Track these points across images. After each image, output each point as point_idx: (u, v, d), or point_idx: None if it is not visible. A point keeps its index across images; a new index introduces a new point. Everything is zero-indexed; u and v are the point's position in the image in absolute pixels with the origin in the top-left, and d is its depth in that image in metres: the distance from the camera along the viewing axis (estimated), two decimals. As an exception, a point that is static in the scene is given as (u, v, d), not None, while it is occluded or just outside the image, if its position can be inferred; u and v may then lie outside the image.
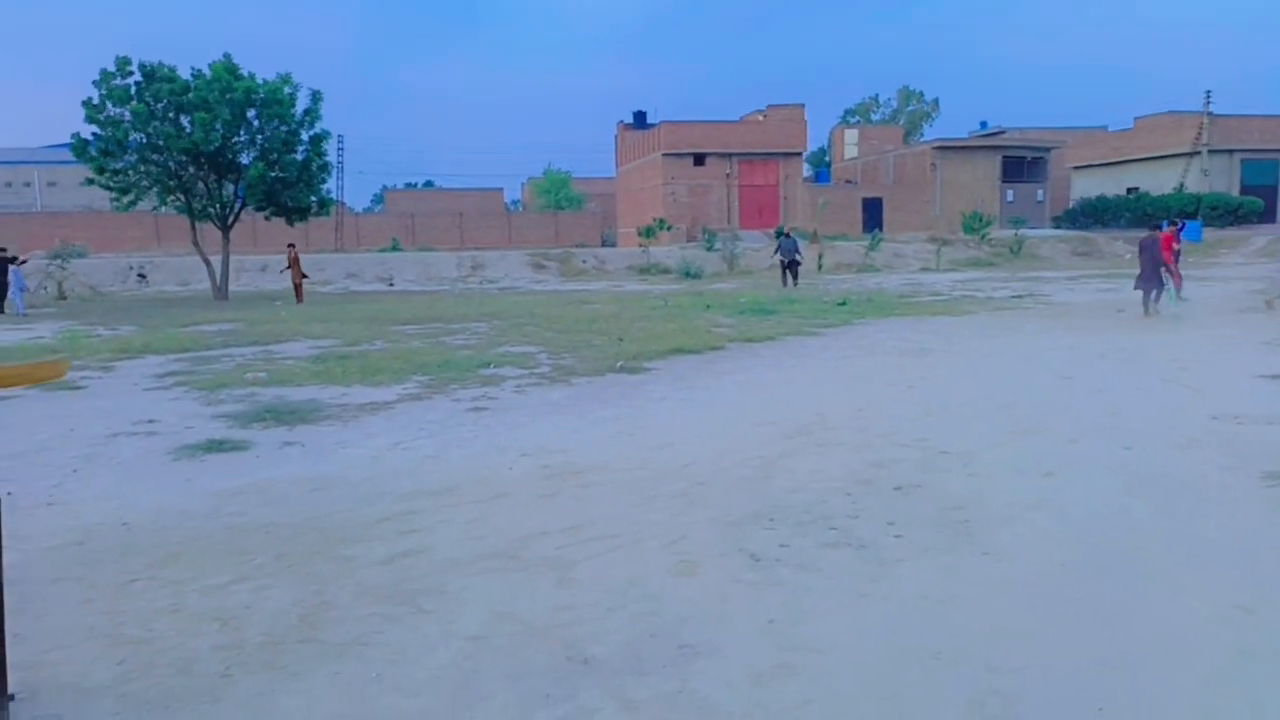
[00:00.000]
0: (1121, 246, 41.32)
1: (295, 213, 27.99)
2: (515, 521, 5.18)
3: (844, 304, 19.57)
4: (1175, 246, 18.03)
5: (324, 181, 28.76)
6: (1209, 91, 50.74)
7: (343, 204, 53.28)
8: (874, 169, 56.81)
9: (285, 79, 26.98)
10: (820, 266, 34.68)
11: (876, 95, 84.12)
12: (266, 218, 28.91)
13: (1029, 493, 5.61)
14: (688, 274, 33.85)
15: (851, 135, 65.70)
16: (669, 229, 43.22)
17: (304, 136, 27.44)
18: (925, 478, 5.97)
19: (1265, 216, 47.74)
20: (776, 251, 27.49)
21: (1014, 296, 21.24)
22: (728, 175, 48.76)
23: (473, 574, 4.42)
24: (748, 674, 3.40)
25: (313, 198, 28.21)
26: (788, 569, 4.44)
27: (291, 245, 27.67)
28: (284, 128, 26.85)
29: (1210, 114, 50.31)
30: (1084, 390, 9.01)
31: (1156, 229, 16.78)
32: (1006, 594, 4.09)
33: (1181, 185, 50.03)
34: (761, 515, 5.26)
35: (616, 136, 59.80)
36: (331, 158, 29.81)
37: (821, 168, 66.55)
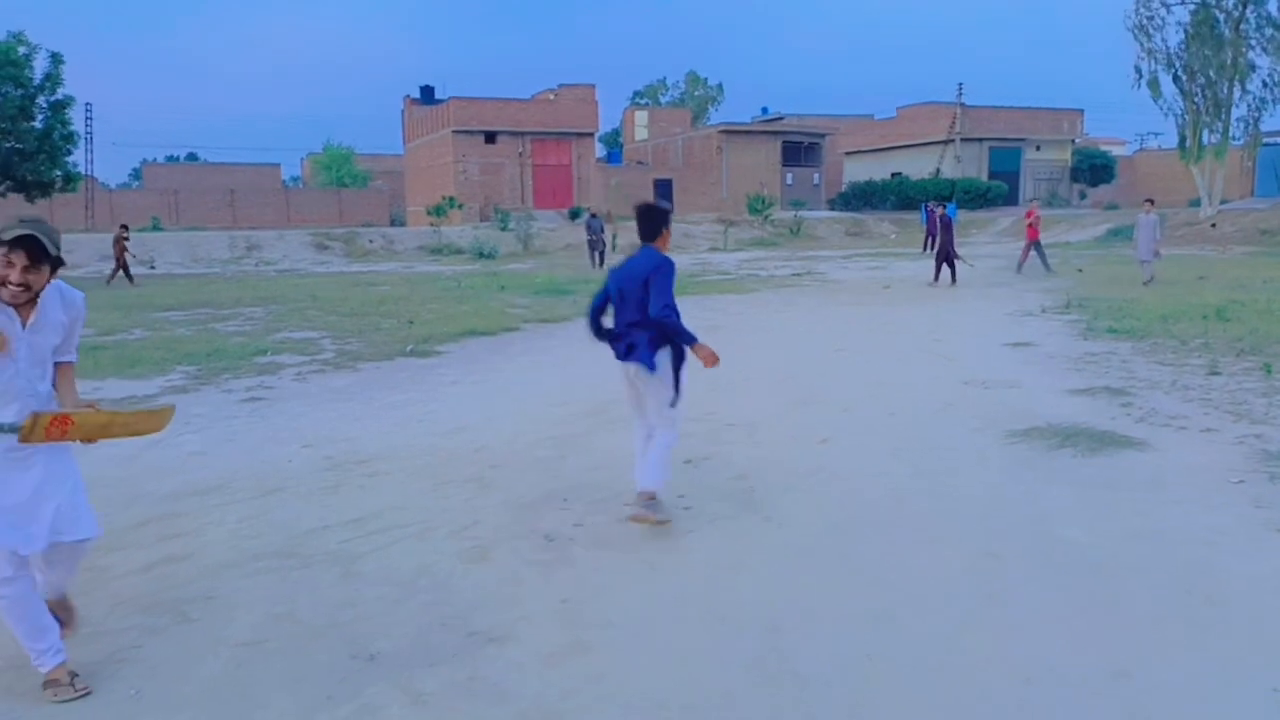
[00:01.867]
0: (887, 227, 44.57)
1: (36, 188, 25.20)
2: (294, 517, 4.89)
3: (636, 283, 19.90)
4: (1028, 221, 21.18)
5: (69, 153, 26.01)
6: (961, 84, 55.66)
7: (93, 178, 48.44)
8: (664, 151, 58.10)
9: (19, 38, 24.12)
10: (614, 247, 35.14)
11: (664, 78, 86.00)
12: (2, 194, 25.79)
13: (806, 460, 5.92)
14: (481, 254, 33.30)
15: (642, 117, 66.83)
16: (461, 208, 42.34)
17: (43, 102, 24.64)
18: (713, 449, 6.18)
19: (1009, 199, 52.89)
20: (590, 232, 27.44)
21: (794, 274, 22.41)
22: (520, 154, 48.33)
23: (246, 576, 4.13)
24: (540, 655, 3.38)
25: (56, 171, 25.47)
26: (581, 547, 4.46)
27: (124, 226, 24.99)
28: (19, 92, 23.99)
29: (963, 105, 55.08)
30: (854, 362, 9.63)
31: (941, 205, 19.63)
32: (786, 557, 4.30)
33: (938, 171, 54.52)
34: (556, 495, 5.26)
35: (403, 112, 57.79)
36: (79, 127, 27.00)
37: (614, 149, 67.34)
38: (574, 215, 42.15)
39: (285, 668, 3.31)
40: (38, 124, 24.49)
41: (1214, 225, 34.62)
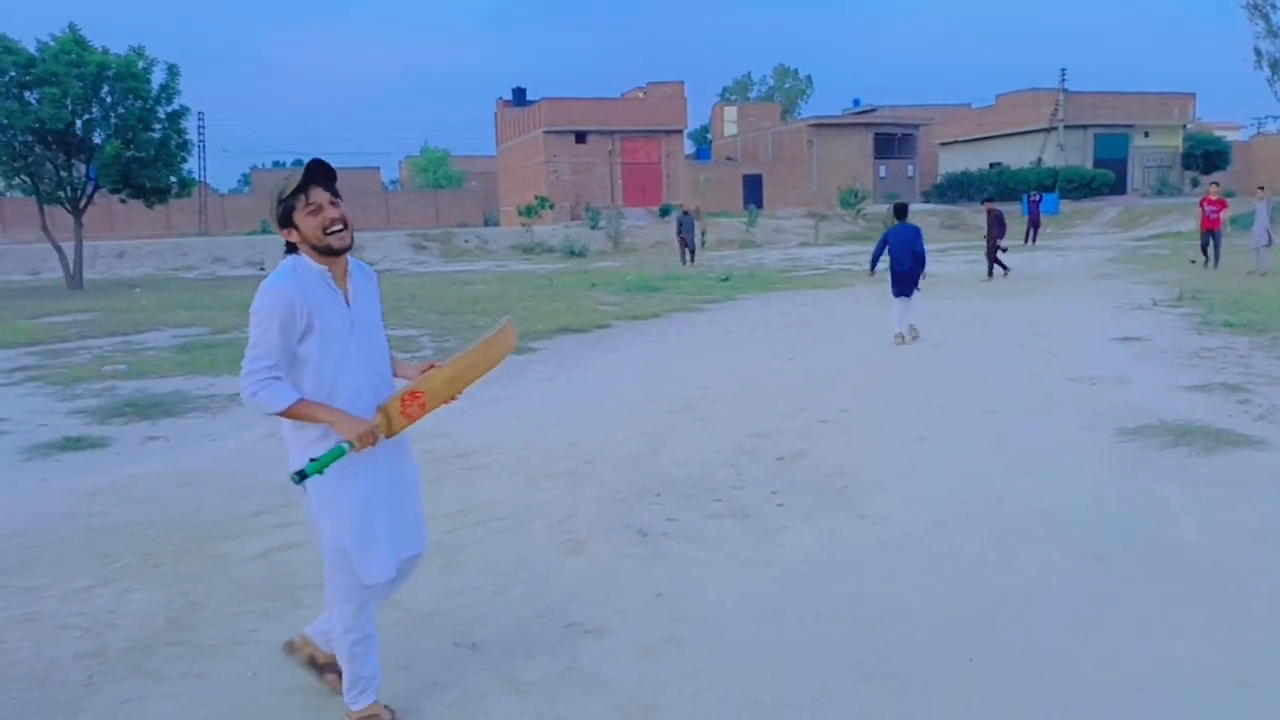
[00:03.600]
0: (985, 220, 43.27)
1: (154, 194, 26.39)
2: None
3: (727, 280, 19.86)
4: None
5: (184, 161, 27.21)
6: (1064, 69, 53.55)
7: (206, 184, 50.73)
8: (753, 146, 57.68)
9: (139, 52, 25.37)
10: (703, 243, 35.07)
11: (750, 73, 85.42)
12: (123, 200, 27.24)
13: (902, 457, 5.82)
14: (572, 253, 33.69)
15: (730, 113, 66.44)
16: (552, 207, 42.87)
17: (161, 113, 25.89)
18: (806, 446, 6.13)
19: (1116, 189, 50.76)
20: (680, 230, 27.38)
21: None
22: (610, 153, 48.65)
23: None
24: (636, 648, 3.42)
25: (172, 178, 26.65)
26: (674, 542, 4.49)
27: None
28: (139, 104, 25.25)
29: (1065, 91, 53.04)
30: (952, 357, 9.40)
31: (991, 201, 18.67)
32: (882, 555, 4.24)
33: (1040, 159, 52.66)
34: (649, 490, 5.30)
35: (496, 114, 58.79)
36: (192, 135, 28.27)
37: (703, 145, 67.16)
38: (664, 213, 42.21)
39: (393, 653, 3.42)
40: (156, 133, 25.73)
41: None
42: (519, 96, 55.94)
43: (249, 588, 4.07)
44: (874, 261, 11.14)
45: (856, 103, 67.12)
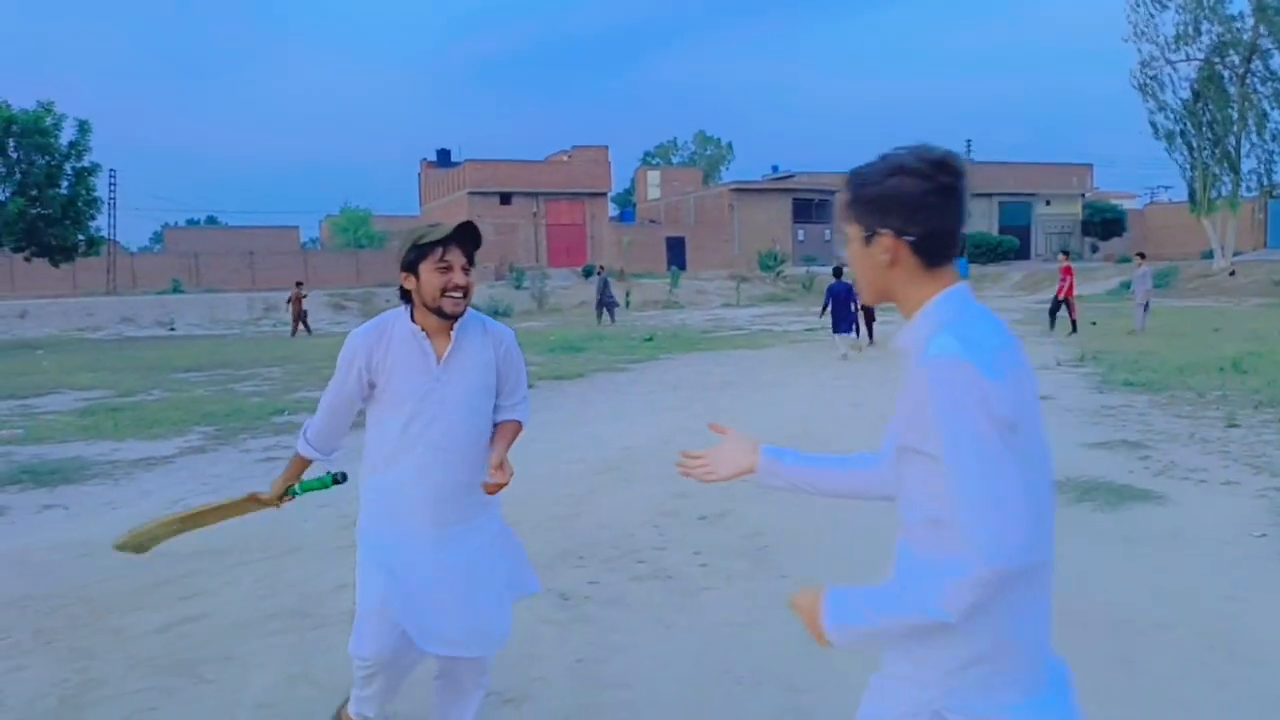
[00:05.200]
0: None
1: (60, 252, 25.66)
2: (309, 577, 4.90)
3: (650, 340, 20.02)
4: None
5: (93, 218, 26.54)
6: (969, 140, 56.24)
7: (115, 242, 49.26)
8: (676, 209, 58.76)
9: (47, 108, 24.80)
10: (628, 304, 35.36)
11: (675, 139, 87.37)
12: (26, 259, 26.32)
13: (821, 516, 5.89)
14: (496, 313, 33.56)
15: (654, 176, 67.74)
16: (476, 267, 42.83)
17: (69, 169, 25.24)
18: (728, 506, 6.16)
19: (1021, 254, 53.05)
20: (600, 290, 27.66)
21: (807, 330, 22.45)
22: (535, 214, 49.00)
23: (261, 636, 4.13)
24: (556, 716, 3.36)
25: (80, 236, 25.96)
26: (596, 606, 4.44)
27: (299, 284, 25.38)
28: (46, 160, 24.60)
29: (971, 161, 55.59)
30: (869, 416, 9.61)
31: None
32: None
33: (949, 226, 54.76)
34: (571, 553, 5.24)
35: (420, 174, 58.83)
36: (102, 193, 27.59)
37: (626, 208, 68.16)
38: (588, 273, 42.53)
39: (301, 730, 3.29)
40: (63, 190, 25.02)
41: (1233, 273, 34.57)
42: (443, 158, 56.16)
43: (149, 663, 3.87)
44: (824, 308, 16.30)
45: (775, 169, 69.13)
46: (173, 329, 30.70)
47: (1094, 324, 21.28)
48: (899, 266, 1.63)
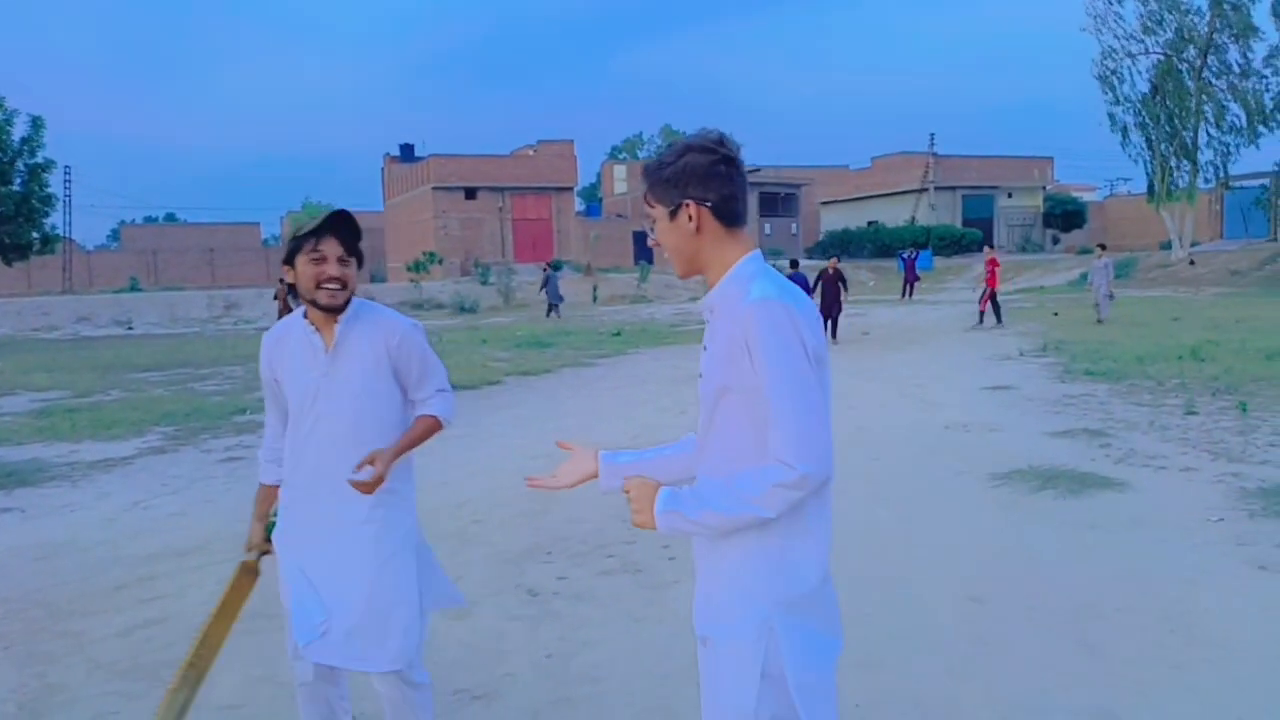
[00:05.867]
0: (865, 274, 45.04)
1: (13, 251, 25.16)
2: (273, 578, 4.81)
3: (618, 335, 20.01)
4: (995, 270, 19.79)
5: (47, 215, 26.02)
6: (933, 134, 56.68)
7: (71, 241, 48.34)
8: (643, 203, 58.63)
9: (-2, 102, 24.27)
10: (595, 298, 35.31)
11: (641, 133, 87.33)
12: (-21, 257, 25.73)
13: (790, 507, 5.92)
14: (462, 308, 33.40)
15: (620, 171, 67.58)
16: (441, 263, 42.51)
17: (22, 166, 24.70)
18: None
19: (984, 245, 53.60)
20: (544, 287, 27.65)
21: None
22: (500, 209, 48.72)
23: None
24: (525, 712, 3.34)
25: (34, 234, 25.45)
26: (565, 601, 4.43)
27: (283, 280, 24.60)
28: (-2, 156, 24.08)
29: (935, 154, 56.10)
30: (835, 407, 9.68)
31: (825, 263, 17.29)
32: (772, 606, 4.27)
33: (913, 219, 55.32)
34: (539, 549, 5.22)
35: (383, 170, 58.25)
36: (57, 190, 27.07)
37: (593, 202, 67.99)
38: (555, 268, 42.39)
39: (266, 732, 3.25)
40: (16, 187, 24.50)
41: (1192, 262, 35.22)
42: (407, 152, 55.65)
43: (109, 667, 3.80)
44: None
45: (741, 163, 69.18)
46: (130, 328, 30.15)
47: (1056, 314, 21.59)
48: (704, 232, 1.89)
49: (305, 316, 2.57)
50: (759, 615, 1.83)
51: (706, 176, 1.87)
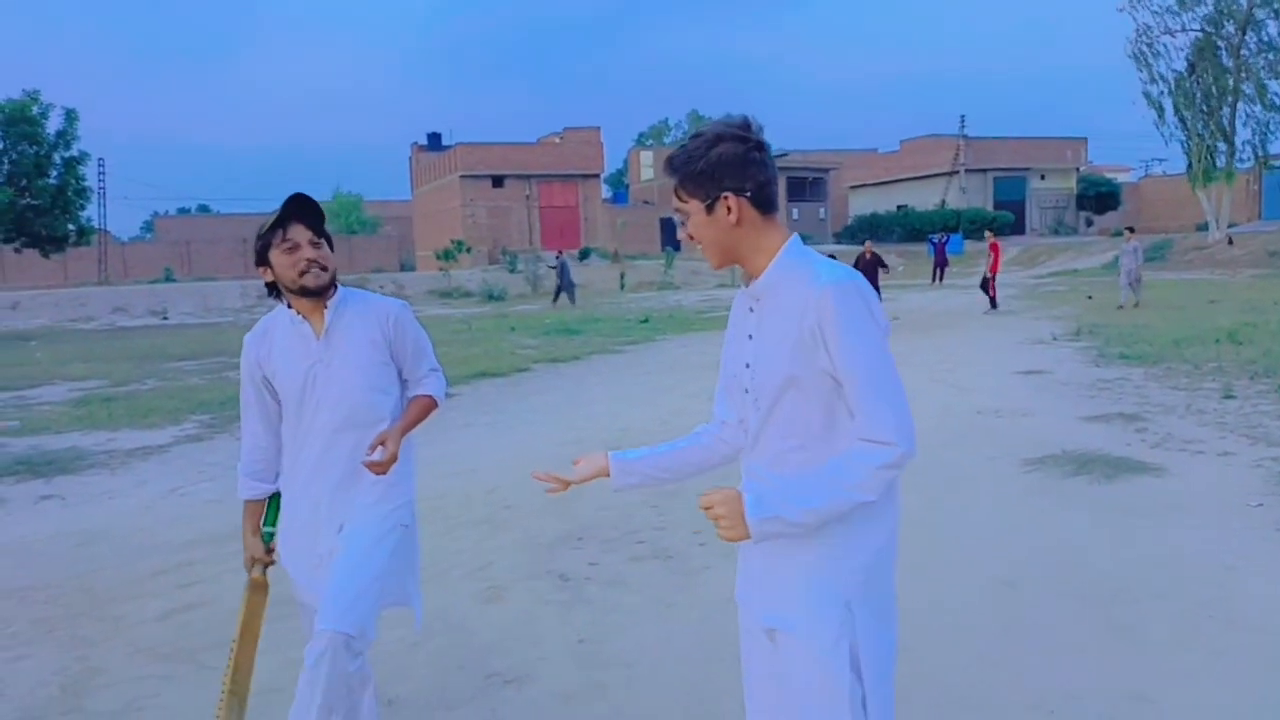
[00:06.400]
0: (894, 259, 44.63)
1: (50, 243, 25.58)
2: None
3: (646, 321, 20.00)
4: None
5: (83, 208, 26.44)
6: (963, 116, 55.95)
7: (106, 232, 49.06)
8: (669, 190, 58.36)
9: (34, 96, 24.61)
10: (622, 286, 35.31)
11: (667, 119, 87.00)
12: (17, 249, 26.22)
13: (820, 493, 5.91)
14: (491, 296, 33.54)
15: (647, 157, 67.34)
16: (469, 251, 42.68)
17: (57, 159, 25.08)
18: (727, 484, 6.15)
19: (1016, 229, 52.93)
20: (560, 274, 27.71)
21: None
22: (527, 197, 48.80)
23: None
24: (558, 696, 3.36)
25: (70, 226, 25.87)
26: (596, 587, 4.45)
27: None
28: (34, 150, 24.44)
29: (965, 136, 55.37)
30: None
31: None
32: (803, 591, 4.27)
33: (944, 202, 54.70)
34: (570, 535, 5.25)
35: (411, 159, 58.52)
36: (92, 182, 27.48)
37: (620, 189, 67.88)
38: (583, 256, 42.42)
39: (302, 714, 3.30)
40: (52, 180, 24.88)
41: (1231, 242, 34.54)
42: (434, 141, 55.83)
43: (149, 651, 3.88)
44: None
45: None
46: (165, 318, 30.59)
47: (1090, 298, 21.30)
48: (745, 223, 1.84)
49: (290, 308, 2.57)
50: (840, 605, 1.83)
51: (742, 165, 1.83)
